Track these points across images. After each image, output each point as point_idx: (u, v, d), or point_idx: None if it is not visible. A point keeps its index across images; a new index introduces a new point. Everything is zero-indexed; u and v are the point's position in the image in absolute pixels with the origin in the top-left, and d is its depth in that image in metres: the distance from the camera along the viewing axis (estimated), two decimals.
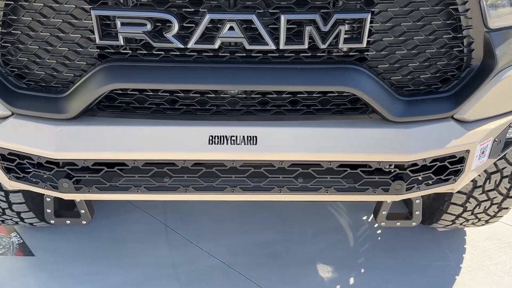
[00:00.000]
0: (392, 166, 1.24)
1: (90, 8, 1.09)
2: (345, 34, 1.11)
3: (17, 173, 1.27)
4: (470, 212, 1.82)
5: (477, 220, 1.92)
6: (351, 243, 2.06)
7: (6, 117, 1.23)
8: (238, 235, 2.07)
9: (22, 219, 1.87)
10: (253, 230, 2.11)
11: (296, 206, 2.26)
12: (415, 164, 1.22)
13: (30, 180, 1.26)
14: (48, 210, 1.42)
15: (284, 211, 2.22)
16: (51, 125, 1.19)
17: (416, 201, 1.43)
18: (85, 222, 1.42)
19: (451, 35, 1.19)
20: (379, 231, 2.13)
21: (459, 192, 1.79)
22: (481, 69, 1.23)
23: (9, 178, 1.28)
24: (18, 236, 2.10)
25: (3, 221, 1.91)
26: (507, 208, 1.84)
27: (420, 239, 2.06)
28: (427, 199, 1.94)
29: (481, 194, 1.74)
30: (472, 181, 1.74)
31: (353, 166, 1.22)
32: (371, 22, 1.12)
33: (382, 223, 1.45)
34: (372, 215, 2.05)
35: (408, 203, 1.47)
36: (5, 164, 1.26)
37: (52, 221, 1.44)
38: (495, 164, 1.69)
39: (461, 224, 1.96)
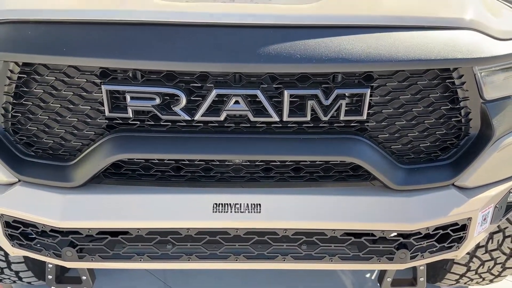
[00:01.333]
0: (396, 235, 1.24)
1: (100, 82, 1.13)
2: (346, 106, 1.15)
3: (21, 240, 1.26)
4: (474, 271, 1.80)
5: (481, 279, 1.90)
6: None
7: (12, 184, 1.25)
8: None
9: (20, 278, 1.84)
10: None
11: None
12: (419, 233, 1.23)
13: (33, 247, 1.26)
14: (50, 277, 1.40)
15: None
16: (57, 193, 1.21)
17: (420, 267, 1.42)
18: None
19: (449, 107, 1.23)
20: None
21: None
22: (479, 138, 1.26)
23: (12, 245, 1.28)
24: None
25: (0, 280, 1.88)
26: (511, 267, 1.83)
27: None
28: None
29: (484, 254, 1.73)
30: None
31: (357, 234, 1.22)
32: (371, 95, 1.16)
33: None
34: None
35: (413, 268, 1.46)
36: (9, 231, 1.26)
37: (53, 287, 1.42)
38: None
39: (465, 283, 1.94)
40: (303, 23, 1.11)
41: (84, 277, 1.38)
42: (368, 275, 2.20)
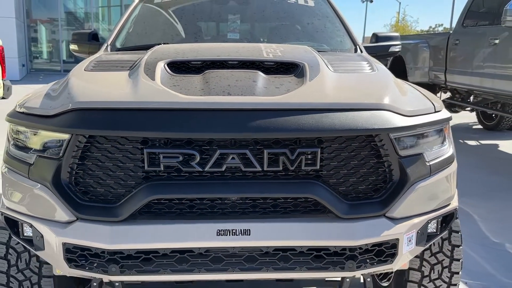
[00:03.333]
0: (345, 250, 1.75)
1: (142, 147, 1.70)
2: (305, 160, 1.72)
3: (77, 262, 1.74)
4: (428, 278, 2.22)
5: None
6: None
7: (73, 221, 1.75)
8: None
9: None
10: None
11: None
12: (360, 248, 1.74)
13: (86, 267, 1.73)
14: None
15: None
16: (106, 225, 1.70)
17: (368, 279, 1.91)
18: None
19: (376, 161, 1.80)
20: None
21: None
22: (399, 183, 1.81)
23: (69, 267, 1.74)
24: None
25: None
26: (457, 272, 2.23)
27: None
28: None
29: (430, 256, 2.19)
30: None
31: (318, 249, 1.74)
32: (321, 153, 1.74)
33: None
34: None
35: (364, 282, 1.94)
36: (68, 255, 1.74)
37: None
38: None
39: None
40: (275, 107, 1.72)
41: None
42: None
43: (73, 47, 3.45)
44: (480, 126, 9.27)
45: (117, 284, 1.80)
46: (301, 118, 1.68)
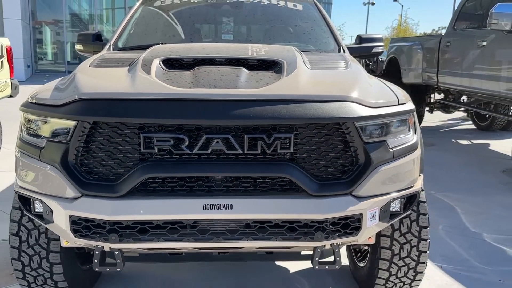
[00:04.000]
0: (314, 222, 2.01)
1: (139, 132, 1.96)
2: (280, 145, 1.98)
3: (81, 233, 2.00)
4: (398, 256, 2.49)
5: (406, 267, 2.55)
6: None
7: (78, 197, 2.01)
8: None
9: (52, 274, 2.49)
10: None
11: None
12: (328, 221, 2.00)
13: (89, 236, 1.99)
14: (96, 261, 2.10)
15: None
16: (107, 200, 1.96)
17: (336, 250, 2.15)
18: (119, 269, 2.10)
19: (343, 146, 2.06)
20: None
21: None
22: (364, 166, 2.06)
23: (75, 236, 2.00)
24: None
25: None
26: (425, 251, 2.50)
27: None
28: (367, 268, 2.65)
29: (400, 236, 2.46)
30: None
31: (291, 222, 1.99)
32: (295, 138, 2.00)
33: (316, 267, 2.16)
34: None
35: (333, 252, 2.18)
36: (74, 227, 2.00)
37: (97, 269, 2.12)
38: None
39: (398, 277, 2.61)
40: (254, 98, 1.97)
41: (118, 260, 2.09)
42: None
43: (78, 47, 3.73)
44: (473, 127, 9.51)
45: (116, 253, 2.06)
46: (277, 108, 1.93)
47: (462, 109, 8.45)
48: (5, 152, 6.27)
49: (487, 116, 8.79)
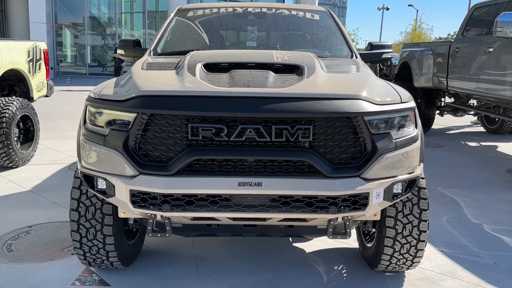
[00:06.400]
0: (329, 198, 2.44)
1: (187, 123, 2.41)
2: (302, 134, 2.41)
3: (139, 203, 2.46)
4: (401, 235, 2.90)
5: (404, 259, 3.02)
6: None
7: (137, 175, 2.47)
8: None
9: (108, 258, 2.99)
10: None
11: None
12: (340, 197, 2.43)
13: (146, 206, 2.45)
14: (149, 228, 2.57)
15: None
16: (161, 177, 2.41)
17: (347, 223, 2.58)
18: (168, 235, 2.56)
19: (353, 136, 2.48)
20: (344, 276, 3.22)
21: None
22: (371, 153, 2.48)
23: (133, 207, 2.46)
24: (97, 275, 3.18)
25: (89, 263, 3.03)
26: (425, 231, 2.91)
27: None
28: (374, 247, 3.08)
29: (403, 217, 2.87)
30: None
31: (309, 197, 2.42)
32: (314, 129, 2.43)
33: (329, 237, 2.59)
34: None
35: (344, 225, 2.61)
36: (133, 199, 2.46)
37: (150, 234, 2.59)
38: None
39: (395, 263, 3.06)
40: (280, 96, 2.41)
41: (167, 228, 2.55)
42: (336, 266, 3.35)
43: (120, 51, 4.23)
44: (483, 130, 9.81)
45: (166, 221, 2.53)
46: (299, 104, 2.37)
47: (472, 112, 8.75)
48: (40, 148, 6.75)
49: (496, 119, 9.09)
